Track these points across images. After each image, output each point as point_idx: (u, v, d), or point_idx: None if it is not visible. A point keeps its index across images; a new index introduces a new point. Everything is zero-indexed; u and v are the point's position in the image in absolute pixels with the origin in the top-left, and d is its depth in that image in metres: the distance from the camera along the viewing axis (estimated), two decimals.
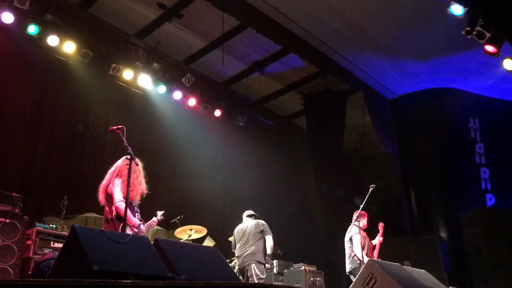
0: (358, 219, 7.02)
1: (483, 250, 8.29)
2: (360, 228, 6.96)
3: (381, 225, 7.27)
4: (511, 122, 9.95)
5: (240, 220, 7.10)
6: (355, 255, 6.83)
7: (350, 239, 6.95)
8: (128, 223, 4.53)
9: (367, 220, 7.21)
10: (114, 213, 4.66)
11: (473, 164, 10.09)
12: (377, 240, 7.20)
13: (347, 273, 7.01)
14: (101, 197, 4.83)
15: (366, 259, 6.68)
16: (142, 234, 4.68)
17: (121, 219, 4.48)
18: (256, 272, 6.42)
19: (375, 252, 7.05)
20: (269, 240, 6.65)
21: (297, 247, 9.93)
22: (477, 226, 8.52)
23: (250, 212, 7.09)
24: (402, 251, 9.04)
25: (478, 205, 9.38)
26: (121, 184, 4.71)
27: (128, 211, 4.49)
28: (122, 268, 3.24)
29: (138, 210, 4.90)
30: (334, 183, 10.86)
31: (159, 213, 5.26)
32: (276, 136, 11.62)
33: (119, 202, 4.61)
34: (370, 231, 7.25)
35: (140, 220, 4.79)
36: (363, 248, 6.82)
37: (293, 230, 10.48)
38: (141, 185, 4.92)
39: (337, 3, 8.12)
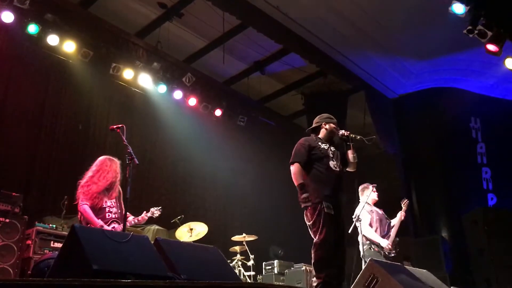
0: (363, 193, 6.45)
1: (485, 250, 8.23)
2: (367, 203, 6.30)
3: (404, 202, 6.57)
4: None
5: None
6: (363, 235, 6.03)
7: (358, 218, 6.10)
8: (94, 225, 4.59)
9: (375, 192, 6.48)
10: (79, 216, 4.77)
11: (474, 164, 10.04)
12: (398, 217, 6.50)
13: (361, 257, 6.01)
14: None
15: (378, 239, 6.18)
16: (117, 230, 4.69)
17: (87, 221, 4.62)
18: None
19: (393, 231, 6.35)
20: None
21: (298, 247, 9.89)
22: (479, 226, 8.46)
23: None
24: (403, 252, 8.97)
25: (480, 205, 9.32)
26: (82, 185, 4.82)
27: (91, 213, 4.62)
28: (122, 267, 3.21)
29: (114, 206, 4.88)
30: None
31: (153, 209, 5.24)
32: (277, 136, 11.54)
33: (81, 205, 4.71)
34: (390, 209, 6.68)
35: (114, 219, 4.80)
36: (371, 225, 6.29)
37: (294, 230, 10.41)
38: (103, 182, 4.87)
39: (338, 3, 8.08)
